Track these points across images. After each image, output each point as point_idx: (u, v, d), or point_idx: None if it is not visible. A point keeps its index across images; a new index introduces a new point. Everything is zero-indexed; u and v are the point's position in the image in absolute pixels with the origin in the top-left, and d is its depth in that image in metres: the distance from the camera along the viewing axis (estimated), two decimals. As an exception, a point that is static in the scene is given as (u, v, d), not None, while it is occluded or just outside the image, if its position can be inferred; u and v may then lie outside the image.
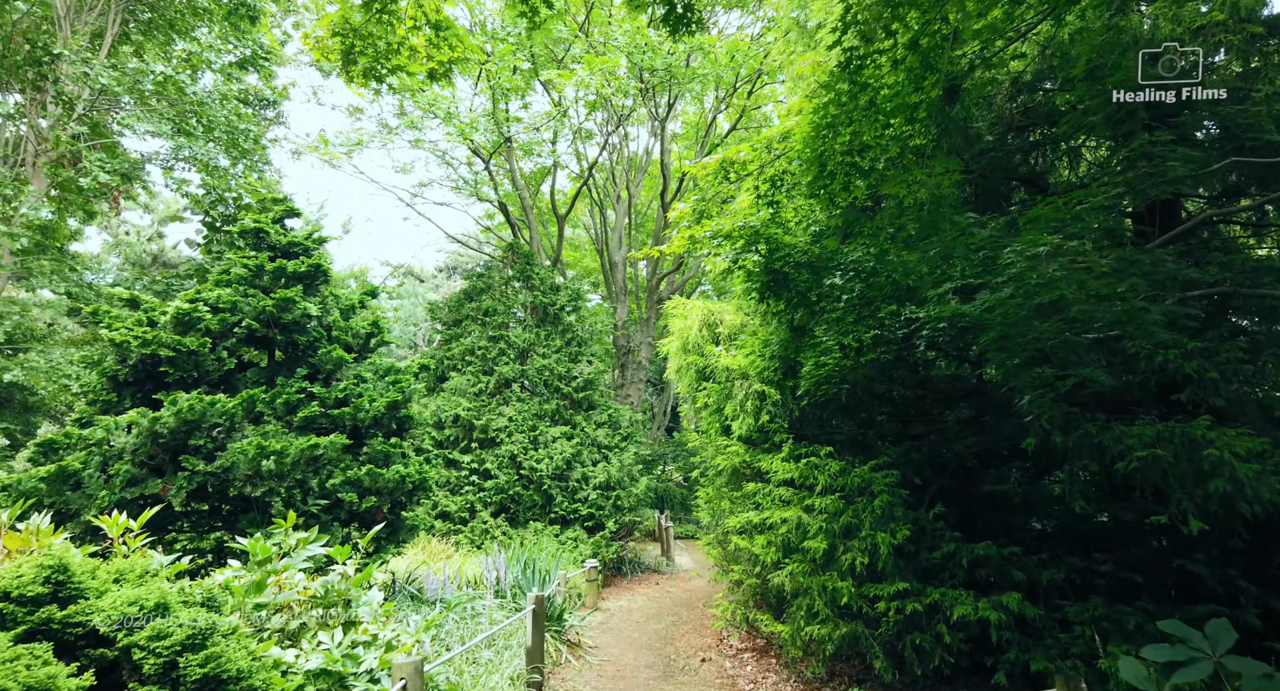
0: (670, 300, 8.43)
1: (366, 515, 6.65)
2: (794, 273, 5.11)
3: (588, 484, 11.83)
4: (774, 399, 7.03)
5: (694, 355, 7.91)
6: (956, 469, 7.05)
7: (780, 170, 5.84)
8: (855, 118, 4.06)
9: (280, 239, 6.86)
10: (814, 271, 5.03)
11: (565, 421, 12.64)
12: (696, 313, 7.99)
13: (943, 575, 6.38)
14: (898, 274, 4.36)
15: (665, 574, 13.12)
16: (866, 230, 4.27)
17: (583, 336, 13.34)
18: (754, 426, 7.21)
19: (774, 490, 6.92)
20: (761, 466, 7.14)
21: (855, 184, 4.17)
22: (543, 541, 11.01)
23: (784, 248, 5.08)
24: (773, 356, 6.06)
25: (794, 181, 5.80)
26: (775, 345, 5.86)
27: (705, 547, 8.63)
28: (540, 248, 17.44)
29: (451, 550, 10.63)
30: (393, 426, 7.05)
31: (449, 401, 11.98)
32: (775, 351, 5.91)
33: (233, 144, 10.95)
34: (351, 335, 7.22)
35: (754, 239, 5.07)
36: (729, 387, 7.57)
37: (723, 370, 7.62)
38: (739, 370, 7.42)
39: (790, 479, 6.84)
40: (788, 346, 5.80)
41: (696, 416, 8.67)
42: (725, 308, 8.07)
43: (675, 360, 8.36)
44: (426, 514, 11.24)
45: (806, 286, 5.18)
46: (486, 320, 12.91)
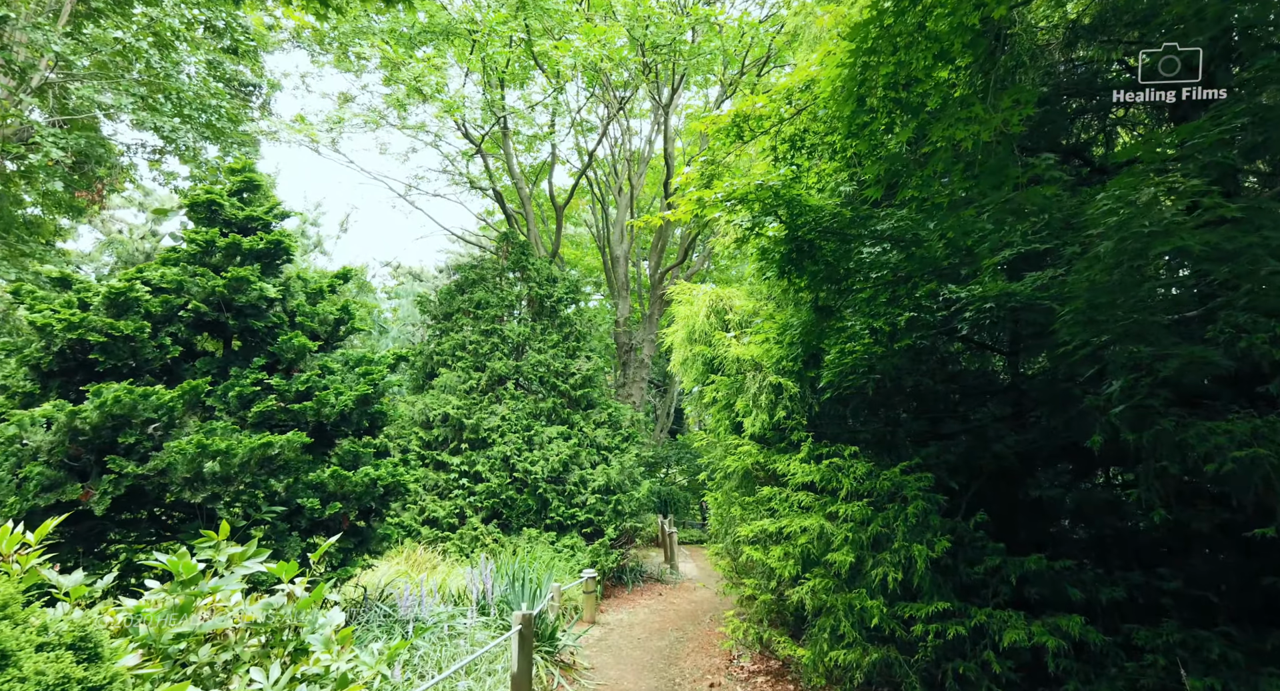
0: (675, 286, 7.67)
1: (331, 523, 5.89)
2: (820, 242, 4.34)
3: (586, 487, 11.07)
4: (791, 392, 6.25)
5: (701, 345, 7.14)
6: (994, 471, 6.27)
7: (801, 128, 5.08)
8: (900, 43, 3.31)
9: (236, 213, 6.12)
10: (844, 240, 4.26)
11: (562, 421, 11.87)
12: (704, 298, 7.22)
13: (984, 592, 5.59)
14: (953, 233, 3.60)
15: (669, 583, 12.33)
16: (914, 181, 3.53)
17: (581, 330, 12.58)
18: (768, 423, 6.43)
19: (792, 495, 6.13)
20: (777, 468, 6.36)
21: (901, 120, 3.42)
22: (537, 549, 10.24)
23: (809, 211, 4.31)
24: (792, 343, 5.28)
25: (816, 141, 5.03)
26: (796, 329, 5.08)
27: (713, 557, 7.85)
28: (538, 241, 16.70)
29: (438, 559, 9.87)
30: (364, 424, 6.29)
31: (438, 399, 11.23)
32: (796, 336, 5.14)
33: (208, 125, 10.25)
34: (318, 322, 6.47)
35: (773, 202, 4.31)
36: (740, 380, 6.80)
37: (733, 361, 6.85)
38: (751, 360, 6.64)
39: (810, 482, 6.06)
40: (811, 331, 5.02)
41: (703, 413, 7.88)
42: (735, 293, 7.30)
43: (680, 351, 7.59)
44: (413, 519, 10.49)
45: (835, 258, 4.41)
46: (479, 313, 12.16)
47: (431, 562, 9.63)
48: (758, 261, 5.84)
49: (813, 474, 5.97)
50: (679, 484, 25.60)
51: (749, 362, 6.67)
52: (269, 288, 5.82)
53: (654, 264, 18.79)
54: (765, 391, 6.41)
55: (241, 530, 5.35)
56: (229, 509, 5.27)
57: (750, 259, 5.98)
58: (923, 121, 3.35)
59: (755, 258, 5.83)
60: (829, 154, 5.18)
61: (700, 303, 7.21)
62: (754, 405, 6.53)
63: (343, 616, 4.50)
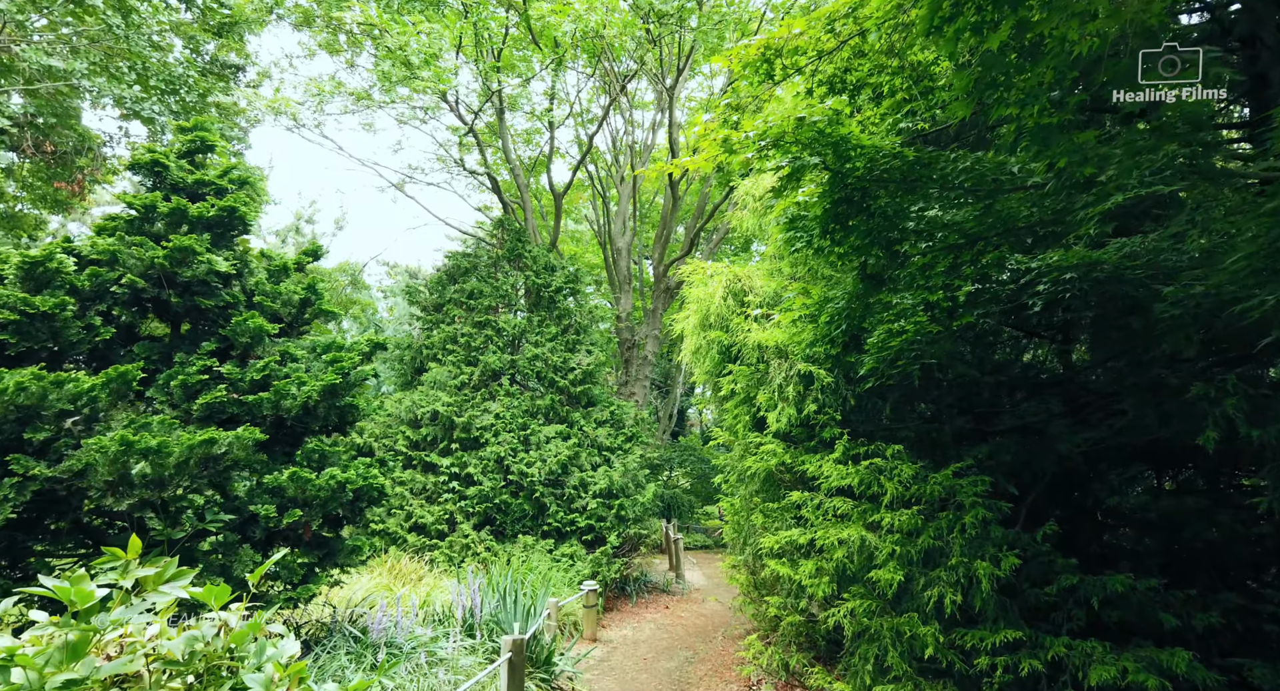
0: (687, 265, 6.86)
1: (291, 534, 5.08)
2: (875, 191, 3.54)
3: (586, 491, 10.25)
4: (824, 382, 5.43)
5: (716, 331, 6.33)
6: (1055, 475, 5.45)
7: (842, 67, 4.26)
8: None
9: (184, 176, 5.31)
10: (906, 187, 3.46)
11: (561, 419, 11.05)
12: (720, 278, 6.41)
13: (1054, 617, 4.77)
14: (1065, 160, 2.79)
15: (675, 594, 11.49)
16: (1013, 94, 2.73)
17: (581, 322, 11.77)
18: (796, 418, 5.62)
19: (825, 501, 5.31)
20: (806, 470, 5.55)
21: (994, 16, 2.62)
22: (533, 558, 9.42)
23: (860, 154, 3.50)
24: (832, 320, 4.47)
25: (861, 77, 4.22)
26: (840, 302, 4.26)
27: (728, 570, 7.02)
28: (536, 232, 15.89)
29: (425, 569, 9.04)
30: (332, 419, 5.47)
31: (426, 396, 10.41)
32: (839, 311, 4.32)
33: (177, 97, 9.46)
34: (281, 302, 5.66)
35: (818, 143, 3.50)
36: (762, 370, 5.98)
37: (753, 348, 6.04)
38: (775, 347, 5.83)
39: (846, 486, 5.24)
40: (856, 304, 4.21)
41: (718, 409, 7.07)
42: (755, 271, 6.49)
43: (692, 338, 6.78)
44: (398, 526, 9.67)
45: (891, 213, 3.60)
46: (471, 304, 11.34)
47: (417, 574, 8.81)
48: (785, 231, 5.03)
49: (850, 476, 5.15)
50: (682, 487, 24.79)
51: (773, 349, 5.85)
52: (219, 261, 5.01)
53: (658, 256, 17.99)
54: (793, 382, 5.60)
55: (180, 543, 4.53)
56: (167, 517, 4.46)
57: (775, 230, 5.17)
58: (1022, 19, 2.57)
59: (782, 227, 5.02)
60: (874, 97, 4.37)
61: (716, 283, 6.40)
62: (779, 398, 5.71)
63: (296, 646, 3.63)
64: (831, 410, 5.56)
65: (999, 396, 6.12)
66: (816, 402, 5.55)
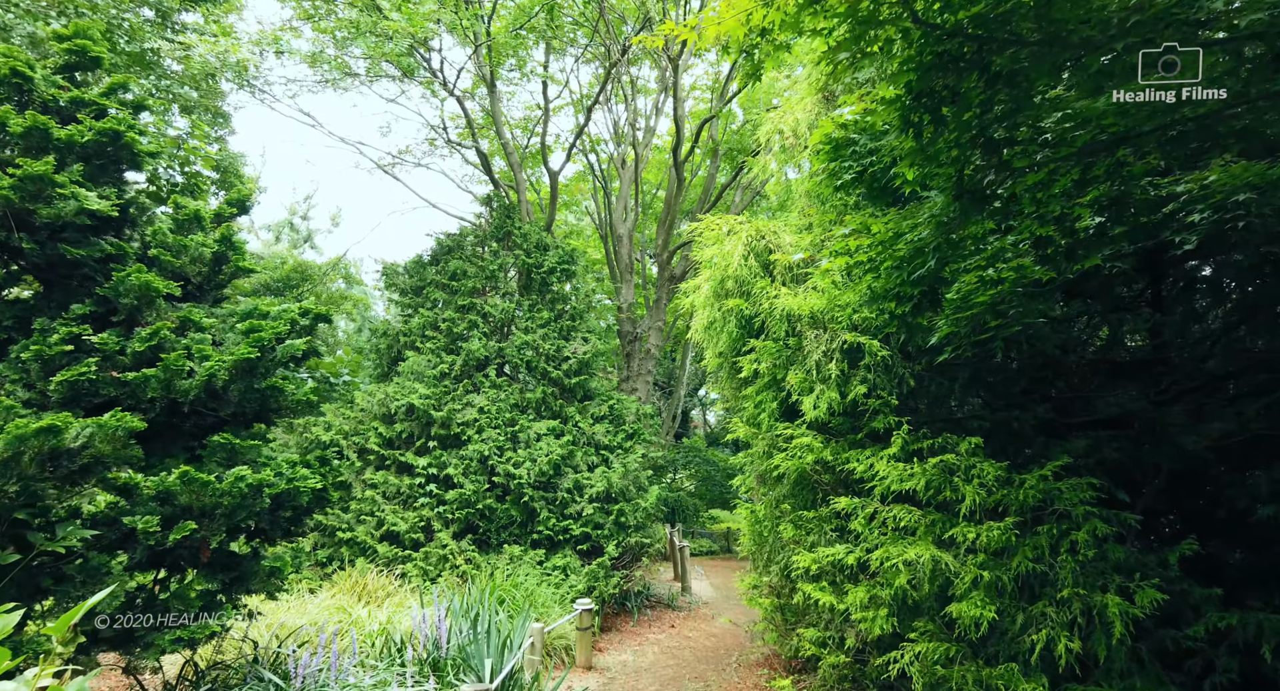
0: (701, 221, 5.67)
1: (184, 552, 3.90)
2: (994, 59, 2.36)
3: (582, 494, 9.06)
4: (878, 356, 4.24)
5: (735, 299, 5.13)
6: (1179, 475, 4.25)
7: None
8: None
9: (56, 92, 4.15)
10: (1050, 43, 2.27)
11: (554, 414, 9.87)
12: (740, 235, 5.21)
13: (1188, 666, 3.57)
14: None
15: (681, 609, 10.29)
16: None
17: (577, 308, 10.59)
18: (839, 404, 4.42)
19: (881, 510, 4.12)
20: (852, 469, 4.36)
21: None
22: (520, 571, 8.24)
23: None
24: (906, 262, 3.27)
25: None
26: (924, 231, 3.06)
27: (747, 591, 5.82)
28: (530, 213, 14.72)
29: (395, 585, 7.86)
30: (248, 406, 4.30)
31: (401, 387, 9.24)
32: (919, 246, 3.12)
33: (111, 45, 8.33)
34: (189, 259, 4.48)
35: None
36: (793, 345, 4.80)
37: (781, 318, 4.85)
38: (811, 315, 4.64)
39: (908, 491, 4.05)
40: (947, 233, 3.00)
41: (734, 398, 5.87)
42: (783, 226, 5.29)
43: (705, 311, 5.59)
44: (368, 535, 8.49)
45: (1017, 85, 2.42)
46: (454, 286, 10.17)
47: (386, 590, 7.63)
48: (827, 159, 3.85)
49: (914, 478, 3.95)
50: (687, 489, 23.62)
51: (806, 318, 4.66)
52: (91, 198, 3.84)
53: (661, 243, 16.80)
54: (835, 356, 4.40)
55: (24, 565, 3.36)
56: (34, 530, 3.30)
57: (814, 161, 3.99)
58: None
59: (824, 155, 3.84)
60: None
61: (734, 242, 5.21)
62: (816, 378, 4.52)
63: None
64: (885, 392, 4.37)
65: (1083, 380, 4.92)
66: (866, 383, 4.35)
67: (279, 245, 34.30)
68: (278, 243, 35.73)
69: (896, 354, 4.29)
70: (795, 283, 5.04)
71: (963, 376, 4.37)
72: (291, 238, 36.60)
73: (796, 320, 4.75)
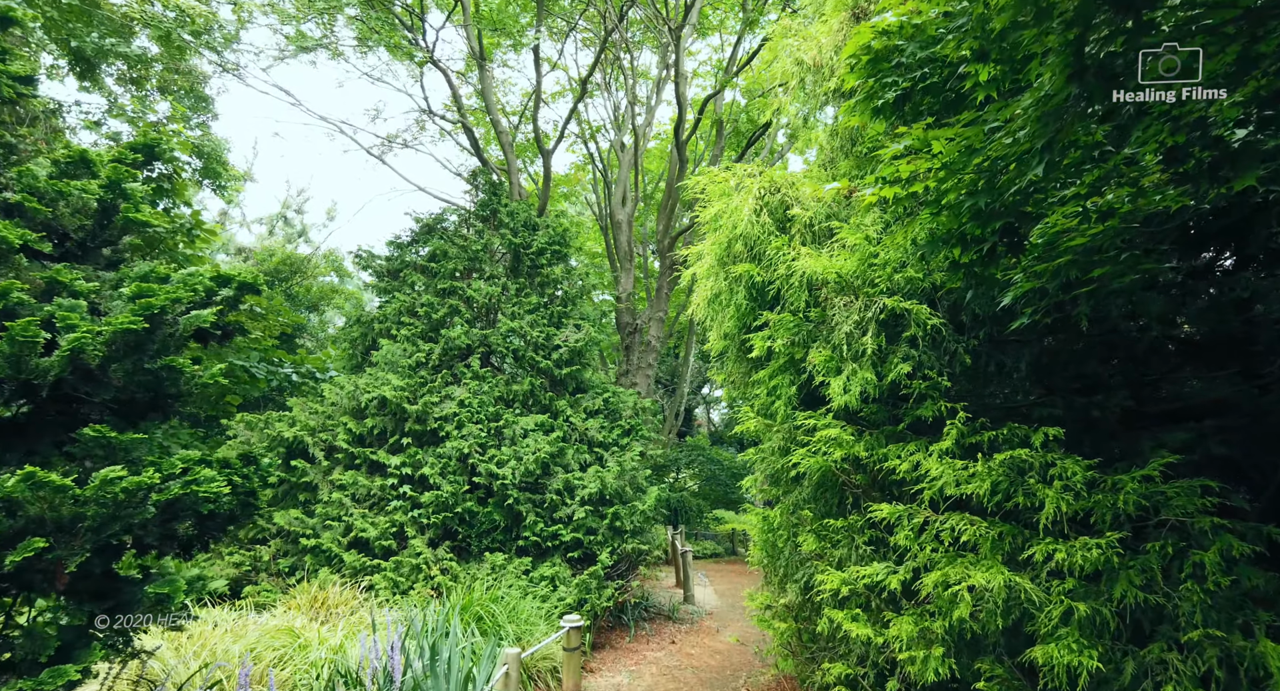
0: (702, 174, 4.80)
1: (35, 577, 3.04)
2: None
3: (573, 496, 8.20)
4: (927, 326, 3.37)
5: (744, 264, 4.25)
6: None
7: None
8: None
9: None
10: None
11: (543, 407, 9.02)
12: (750, 187, 4.34)
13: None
14: None
15: (683, 621, 9.43)
16: None
17: (570, 292, 9.72)
18: (876, 387, 3.55)
19: (935, 521, 3.25)
20: (892, 467, 3.50)
21: None
22: (504, 583, 7.38)
23: None
24: (975, 193, 2.39)
25: None
26: (1020, 131, 2.16)
27: (759, 612, 4.94)
28: (524, 195, 13.86)
29: (361, 599, 7.01)
30: (136, 391, 3.44)
31: (374, 379, 8.39)
32: (1015, 155, 2.23)
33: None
34: (68, 210, 3.63)
35: None
36: (815, 317, 3.92)
37: (801, 284, 3.97)
38: (839, 279, 3.77)
39: (966, 497, 3.18)
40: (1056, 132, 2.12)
41: (743, 384, 5.00)
42: (802, 177, 4.41)
43: (708, 282, 4.72)
44: (333, 542, 7.64)
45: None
46: (434, 268, 9.32)
47: (349, 605, 6.77)
48: (863, 75, 2.99)
49: (975, 479, 3.07)
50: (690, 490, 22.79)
51: (833, 283, 3.79)
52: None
53: (662, 229, 15.91)
54: (870, 328, 3.52)
55: None
56: None
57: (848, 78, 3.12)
58: None
59: (860, 71, 2.96)
60: None
61: (745, 196, 4.33)
62: (845, 355, 3.64)
63: None
64: (931, 370, 3.49)
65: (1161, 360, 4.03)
66: (910, 361, 3.47)
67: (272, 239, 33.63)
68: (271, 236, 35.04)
69: (947, 324, 3.42)
70: (818, 242, 4.16)
71: (1028, 353, 3.48)
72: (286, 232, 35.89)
73: (820, 286, 3.88)
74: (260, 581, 7.70)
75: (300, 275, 25.57)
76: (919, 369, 3.49)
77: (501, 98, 19.98)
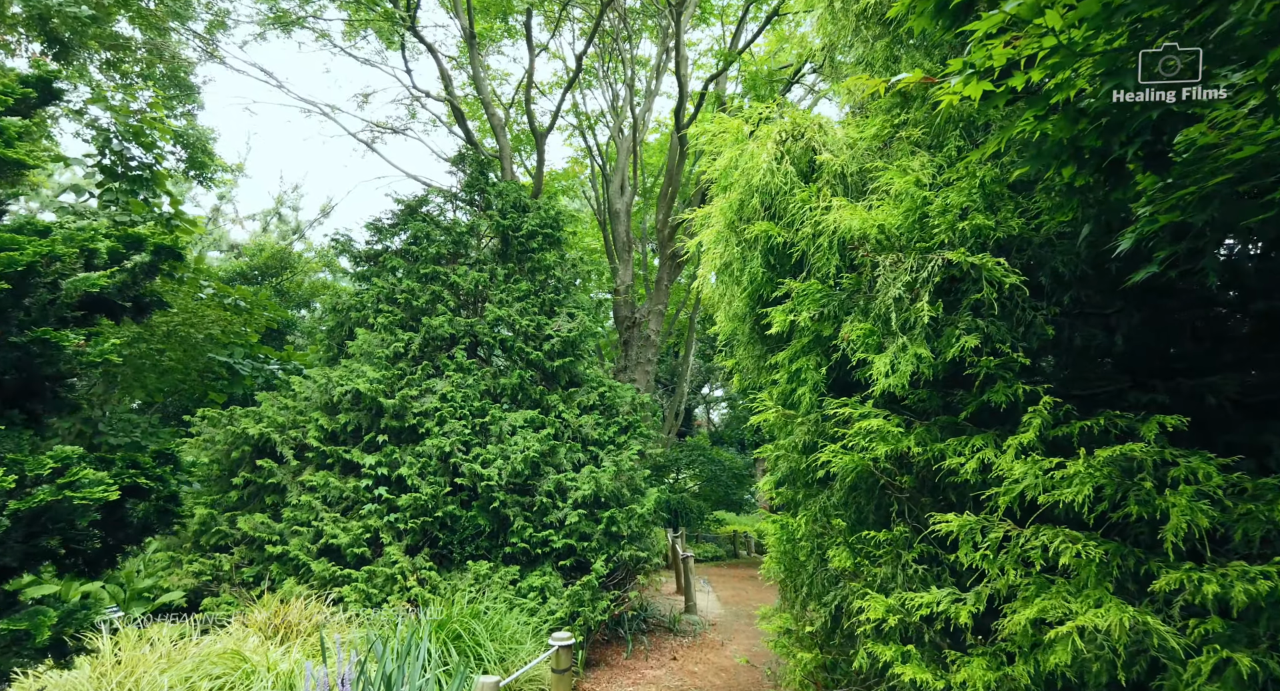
0: (709, 124, 4.09)
1: None
2: None
3: (565, 498, 7.50)
4: (1005, 285, 2.66)
5: (761, 223, 3.54)
6: None
7: None
8: None
9: None
10: None
11: (533, 402, 8.31)
12: (769, 133, 3.62)
13: None
14: None
15: (686, 634, 8.71)
16: None
17: (563, 278, 9.01)
18: (933, 366, 2.85)
19: (1018, 536, 2.54)
20: (953, 466, 2.80)
21: None
22: (489, 594, 6.68)
23: None
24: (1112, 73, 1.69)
25: None
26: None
27: (775, 638, 4.23)
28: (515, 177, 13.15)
29: (328, 613, 6.30)
30: (3, 366, 2.72)
31: (348, 371, 7.68)
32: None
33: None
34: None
35: None
36: (851, 284, 3.22)
37: (831, 245, 3.26)
38: (881, 235, 3.05)
39: (1056, 506, 2.48)
40: None
41: (758, 368, 4.29)
42: (830, 120, 3.69)
43: (715, 252, 4.00)
44: (301, 549, 6.92)
45: None
46: (415, 251, 8.61)
47: (314, 621, 6.06)
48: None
49: (1072, 482, 2.37)
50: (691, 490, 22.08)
51: (876, 239, 3.08)
52: None
53: (662, 217, 15.21)
54: (925, 293, 2.82)
55: None
56: None
57: None
58: None
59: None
60: None
61: (761, 141, 3.62)
62: (894, 326, 2.93)
63: None
64: (1003, 344, 2.78)
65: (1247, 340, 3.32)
66: (976, 332, 2.76)
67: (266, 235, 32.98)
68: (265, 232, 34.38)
69: (1028, 282, 2.71)
70: (851, 196, 3.44)
71: (1126, 324, 2.78)
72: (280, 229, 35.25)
73: (856, 245, 3.17)
74: (222, 593, 6.99)
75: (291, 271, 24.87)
76: (988, 343, 2.78)
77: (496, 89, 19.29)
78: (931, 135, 3.27)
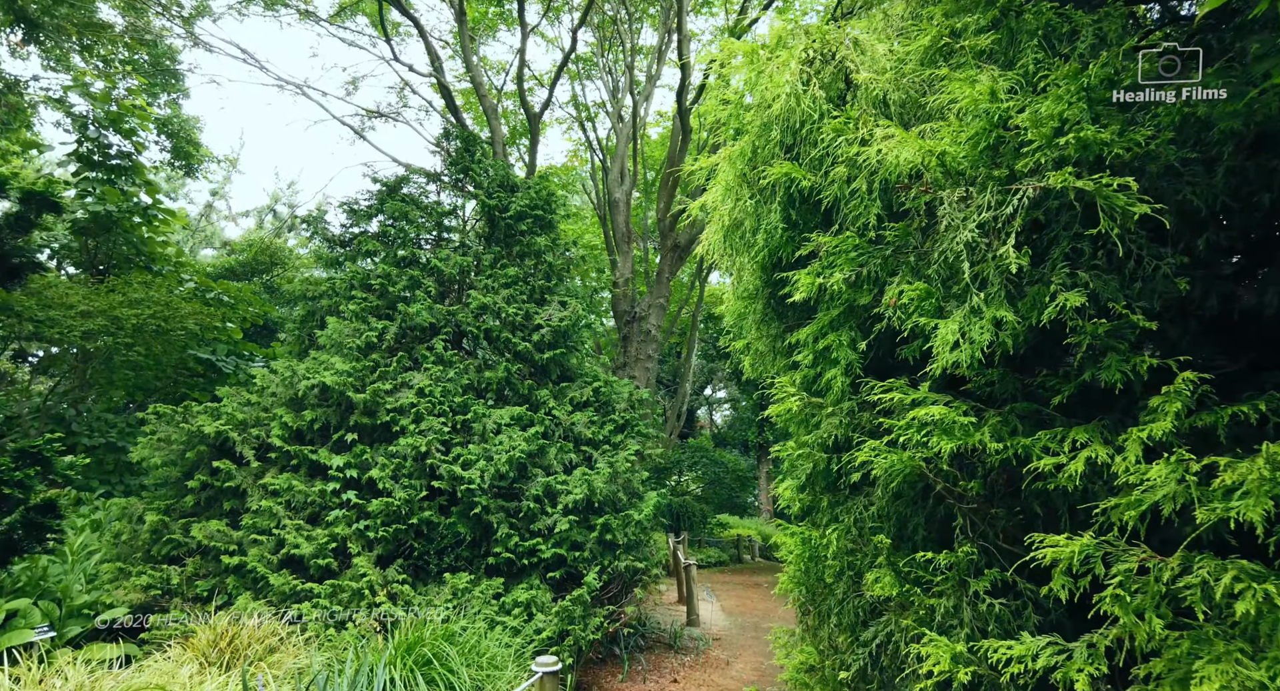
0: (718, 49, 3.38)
1: None
2: None
3: (555, 503, 6.79)
4: (1133, 216, 1.95)
5: (780, 165, 2.84)
6: None
7: None
8: None
9: None
10: None
11: (521, 398, 7.60)
12: (795, 53, 2.92)
13: None
14: None
15: (688, 651, 7.99)
16: None
17: (555, 264, 8.30)
18: (1019, 333, 2.14)
19: (1160, 567, 1.84)
20: (1044, 468, 2.10)
21: None
22: (469, 609, 5.97)
23: None
24: None
25: None
26: None
27: (796, 675, 3.51)
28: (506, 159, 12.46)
29: (284, 633, 5.59)
30: None
31: (315, 363, 6.99)
32: None
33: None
34: None
35: None
36: (896, 236, 2.51)
37: (872, 189, 2.55)
38: (945, 164, 2.35)
39: (1215, 527, 1.77)
40: None
41: (773, 350, 3.58)
42: (868, 37, 2.98)
43: (722, 211, 3.29)
44: (259, 561, 6.22)
45: None
46: (394, 233, 7.92)
47: (267, 643, 5.35)
48: None
49: (1248, 494, 1.65)
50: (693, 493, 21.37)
51: (931, 177, 2.37)
52: None
53: (663, 206, 14.50)
54: (1009, 236, 2.11)
55: None
56: None
57: None
58: None
59: None
60: None
61: (787, 60, 2.91)
62: (963, 280, 2.23)
63: None
64: (1120, 306, 2.06)
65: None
66: (1080, 288, 2.05)
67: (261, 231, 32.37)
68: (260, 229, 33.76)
69: (1149, 220, 1.99)
70: (899, 122, 2.73)
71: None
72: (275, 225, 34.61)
73: (907, 184, 2.47)
74: (172, 609, 6.29)
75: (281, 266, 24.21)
76: (1093, 302, 2.07)
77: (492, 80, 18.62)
78: (1001, 48, 2.56)
